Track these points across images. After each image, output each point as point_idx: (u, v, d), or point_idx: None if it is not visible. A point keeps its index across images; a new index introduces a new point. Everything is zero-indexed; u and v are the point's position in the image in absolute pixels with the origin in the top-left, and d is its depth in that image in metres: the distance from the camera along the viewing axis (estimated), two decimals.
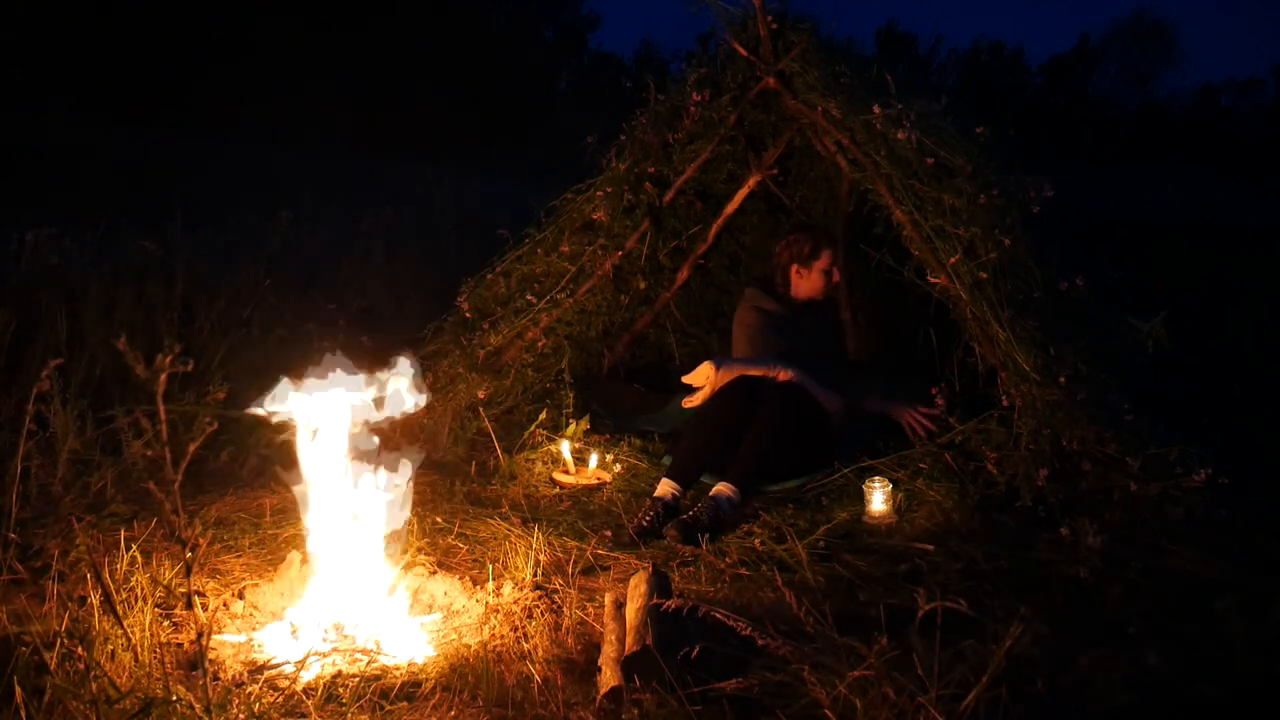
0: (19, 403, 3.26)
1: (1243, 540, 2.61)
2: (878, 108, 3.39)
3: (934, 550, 2.65)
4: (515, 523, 2.89)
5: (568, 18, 27.05)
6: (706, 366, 3.28)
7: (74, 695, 1.70)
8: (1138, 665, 1.99)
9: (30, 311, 3.94)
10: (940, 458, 3.17)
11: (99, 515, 2.87)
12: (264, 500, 3.12)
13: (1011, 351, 3.07)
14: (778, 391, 3.23)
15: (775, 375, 3.29)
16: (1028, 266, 3.22)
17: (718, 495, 2.97)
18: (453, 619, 2.32)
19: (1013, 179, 3.33)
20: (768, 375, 3.28)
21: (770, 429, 3.13)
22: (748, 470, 3.06)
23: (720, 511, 2.92)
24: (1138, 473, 2.82)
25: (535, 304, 3.90)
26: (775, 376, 3.28)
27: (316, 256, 6.20)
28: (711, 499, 2.95)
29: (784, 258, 3.62)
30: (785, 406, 3.19)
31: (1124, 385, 3.04)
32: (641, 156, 3.96)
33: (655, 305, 4.36)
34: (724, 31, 3.79)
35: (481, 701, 1.92)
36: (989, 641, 1.68)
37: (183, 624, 2.22)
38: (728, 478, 3.03)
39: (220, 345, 4.17)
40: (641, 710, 1.78)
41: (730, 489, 2.99)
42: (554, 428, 3.65)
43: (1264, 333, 5.12)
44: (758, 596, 2.41)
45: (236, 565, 2.63)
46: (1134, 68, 33.74)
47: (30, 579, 2.36)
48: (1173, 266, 6.48)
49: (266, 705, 1.82)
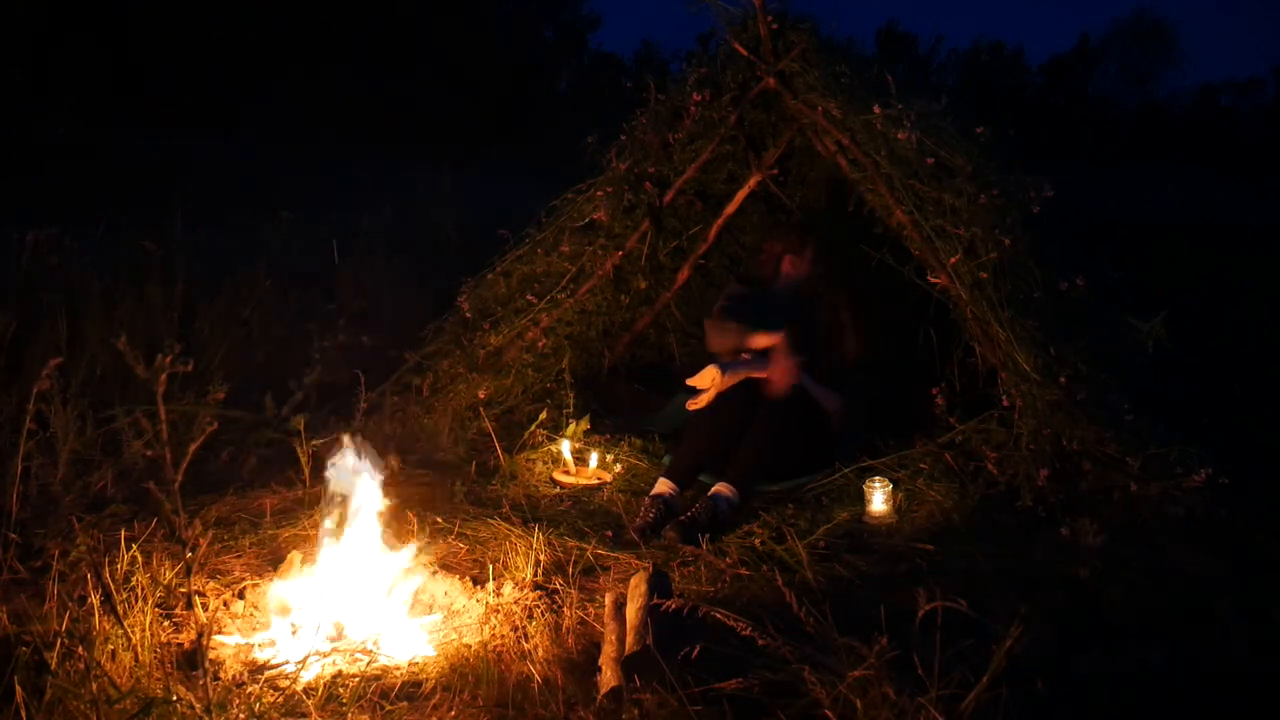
0: (19, 402, 3.26)
1: (1243, 540, 2.61)
2: (878, 108, 3.39)
3: (934, 550, 2.65)
4: (515, 523, 2.89)
5: (568, 18, 27.03)
6: (711, 369, 3.28)
7: (74, 695, 1.70)
8: (1138, 665, 1.99)
9: (30, 311, 3.93)
10: (940, 458, 3.18)
11: (99, 515, 2.87)
12: (264, 500, 3.11)
13: (1012, 351, 3.07)
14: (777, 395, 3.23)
15: (754, 342, 3.26)
16: (1028, 266, 3.22)
17: (716, 495, 2.97)
18: (453, 619, 2.32)
19: (1013, 179, 3.33)
20: (753, 345, 3.26)
21: (770, 429, 3.13)
22: (747, 470, 3.06)
23: (719, 511, 2.92)
24: (1138, 473, 2.82)
25: (535, 304, 3.90)
26: (754, 343, 3.26)
27: (316, 256, 6.20)
28: (710, 498, 2.95)
29: (776, 249, 3.66)
30: (785, 407, 3.19)
31: (1124, 385, 3.04)
32: (642, 156, 3.96)
33: (655, 305, 4.36)
34: (724, 31, 3.80)
35: (482, 701, 1.92)
36: (989, 641, 1.68)
37: (183, 624, 2.22)
38: (727, 477, 3.03)
39: (220, 345, 4.17)
40: (641, 710, 1.78)
41: (729, 489, 2.99)
42: (554, 428, 3.65)
43: (1264, 333, 5.12)
44: (758, 596, 2.40)
45: (236, 565, 2.63)
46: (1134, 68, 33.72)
47: (30, 579, 2.36)
48: (1173, 266, 6.47)
49: (266, 705, 1.82)
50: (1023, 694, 1.78)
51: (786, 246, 3.64)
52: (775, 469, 3.22)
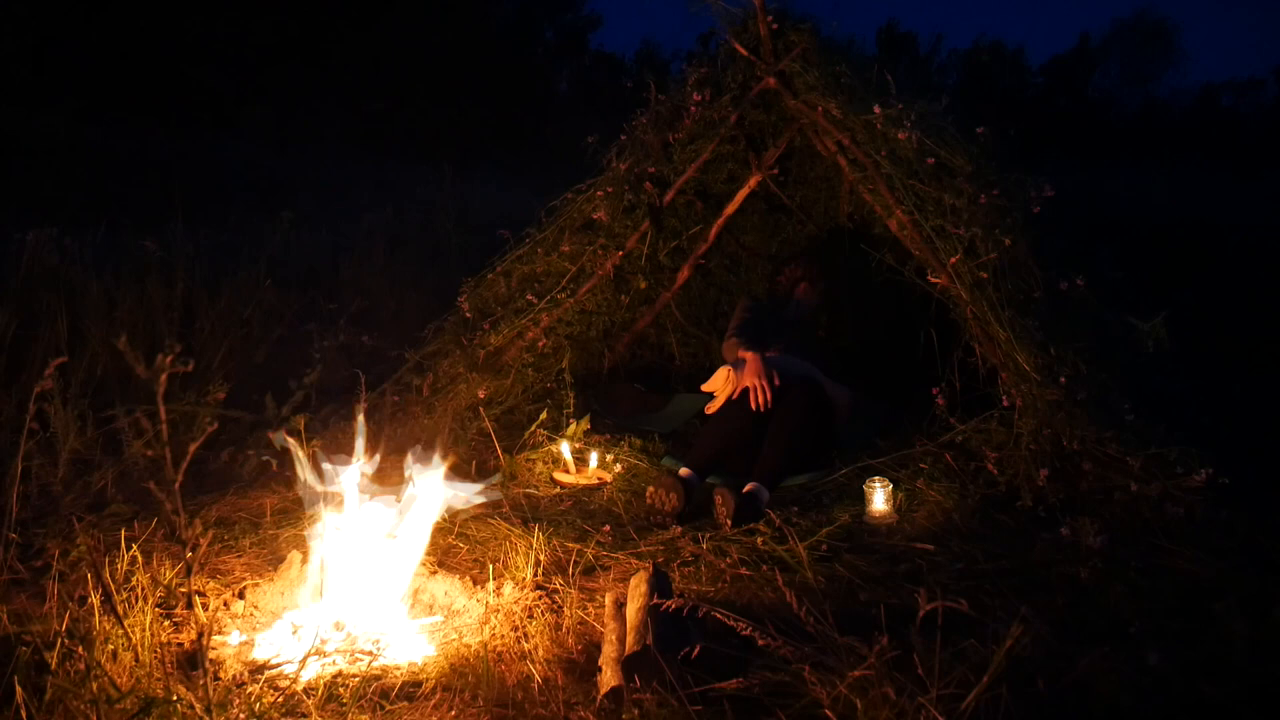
0: (20, 402, 3.26)
1: (1243, 540, 2.61)
2: (878, 108, 3.39)
3: (934, 550, 2.65)
4: (516, 523, 2.89)
5: (568, 18, 27.04)
6: (723, 371, 3.40)
7: (74, 695, 1.70)
8: (1138, 665, 1.99)
9: (30, 311, 3.94)
10: (940, 458, 3.18)
11: (99, 515, 2.87)
12: (264, 500, 3.12)
13: (1012, 351, 3.07)
14: (799, 392, 3.31)
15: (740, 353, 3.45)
16: (1028, 266, 3.22)
17: (753, 490, 3.01)
18: (453, 619, 2.32)
19: (1013, 179, 3.33)
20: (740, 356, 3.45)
21: (795, 427, 3.21)
22: (773, 467, 3.13)
23: (759, 504, 2.97)
24: (1138, 473, 2.81)
25: (536, 304, 3.90)
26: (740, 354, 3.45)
27: (316, 256, 6.20)
28: (749, 494, 2.99)
29: (796, 274, 3.99)
30: (807, 406, 3.29)
31: (1124, 385, 3.04)
32: (642, 156, 3.96)
33: (656, 305, 4.36)
34: (724, 31, 3.79)
35: (482, 701, 1.92)
36: (989, 641, 1.68)
37: (183, 624, 2.22)
38: (755, 477, 3.07)
39: (220, 345, 4.17)
40: (642, 710, 1.78)
41: (756, 486, 3.04)
42: (554, 428, 3.65)
43: (1264, 333, 5.12)
44: (758, 596, 2.41)
45: (236, 565, 2.63)
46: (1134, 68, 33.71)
47: (30, 579, 2.36)
48: (1173, 266, 6.47)
49: (266, 705, 1.82)
50: (1023, 694, 1.78)
51: (805, 275, 3.96)
52: (797, 464, 3.27)
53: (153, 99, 14.53)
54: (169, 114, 13.77)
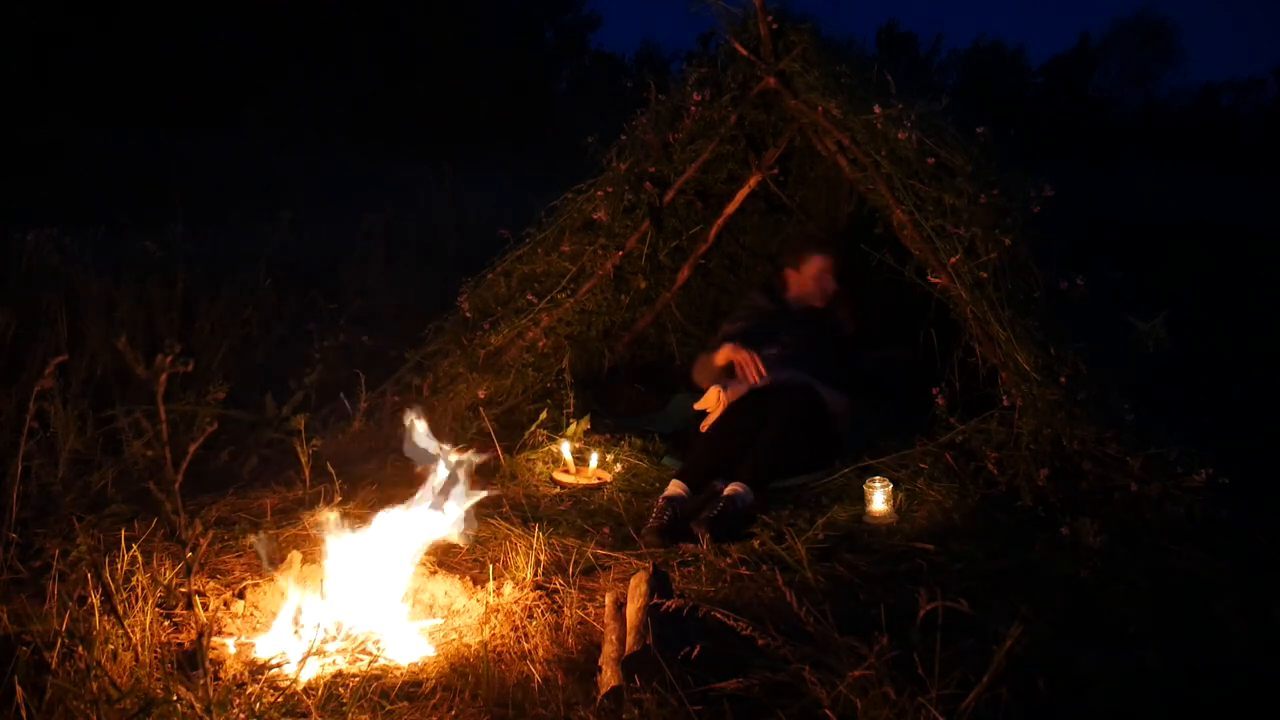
0: (20, 402, 3.26)
1: (1243, 540, 2.61)
2: (878, 108, 3.39)
3: (934, 550, 2.65)
4: (516, 522, 2.89)
5: (568, 18, 27.01)
6: (714, 390, 3.41)
7: (74, 695, 1.70)
8: (1138, 665, 1.99)
9: (30, 311, 3.94)
10: (940, 458, 3.18)
11: (99, 515, 2.87)
12: (264, 500, 3.12)
13: (1012, 351, 3.07)
14: (790, 395, 3.29)
15: (719, 359, 3.49)
16: (1028, 266, 3.22)
17: (734, 494, 2.97)
18: (453, 619, 2.32)
19: (1013, 179, 3.33)
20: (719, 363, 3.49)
21: (782, 430, 3.18)
22: (760, 468, 3.09)
23: (738, 508, 2.93)
24: (1138, 473, 2.81)
25: (536, 304, 3.90)
26: (719, 361, 3.48)
27: (316, 256, 6.20)
28: (728, 497, 2.95)
29: (780, 261, 3.94)
30: (798, 409, 3.27)
31: (1124, 385, 3.04)
32: (642, 156, 3.96)
33: (656, 305, 4.36)
34: (724, 31, 3.79)
35: (482, 701, 1.92)
36: (989, 641, 1.68)
37: (183, 624, 2.22)
38: (739, 477, 3.04)
39: (220, 345, 4.17)
40: (642, 710, 1.78)
41: (743, 487, 3.00)
42: (554, 427, 3.65)
43: (1264, 333, 5.12)
44: (758, 596, 2.41)
45: (236, 565, 2.63)
46: (1135, 68, 33.68)
47: (30, 579, 2.36)
48: (1173, 266, 6.47)
49: (266, 705, 1.82)
50: (1023, 694, 1.78)
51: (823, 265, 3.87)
52: (785, 467, 3.25)
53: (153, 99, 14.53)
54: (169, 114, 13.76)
